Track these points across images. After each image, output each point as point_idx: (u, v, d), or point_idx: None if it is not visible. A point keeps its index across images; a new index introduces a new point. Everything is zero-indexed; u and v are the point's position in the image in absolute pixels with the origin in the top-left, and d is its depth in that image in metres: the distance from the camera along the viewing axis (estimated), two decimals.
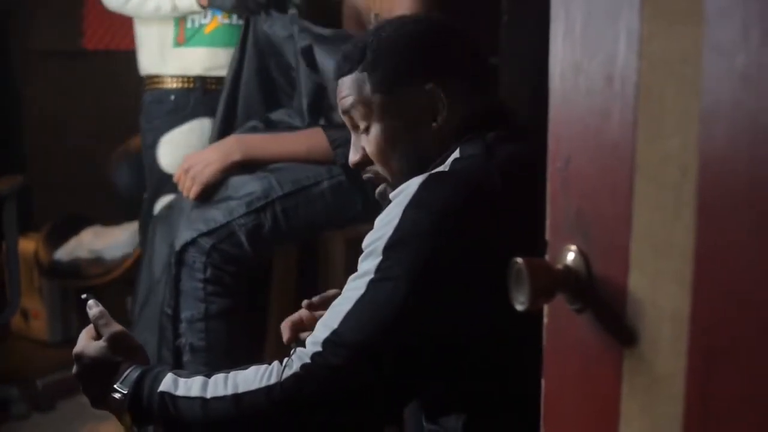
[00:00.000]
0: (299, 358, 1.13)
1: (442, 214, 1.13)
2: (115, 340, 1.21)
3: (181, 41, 2.38)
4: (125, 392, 1.16)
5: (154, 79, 2.42)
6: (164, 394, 1.15)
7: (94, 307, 1.25)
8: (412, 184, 1.16)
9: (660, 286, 0.63)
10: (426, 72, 1.26)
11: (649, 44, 0.63)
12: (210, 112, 2.32)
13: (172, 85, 2.39)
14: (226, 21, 2.35)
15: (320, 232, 2.19)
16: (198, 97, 2.37)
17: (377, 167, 1.30)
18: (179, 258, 1.97)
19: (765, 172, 0.53)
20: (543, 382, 0.79)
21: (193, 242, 1.95)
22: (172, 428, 1.17)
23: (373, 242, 1.16)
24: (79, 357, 1.22)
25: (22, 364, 2.95)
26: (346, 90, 1.30)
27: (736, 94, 0.55)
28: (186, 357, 1.99)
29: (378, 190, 1.33)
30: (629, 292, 0.67)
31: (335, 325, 1.12)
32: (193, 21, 2.36)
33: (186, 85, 2.38)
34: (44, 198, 3.37)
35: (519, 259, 0.70)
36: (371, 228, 1.12)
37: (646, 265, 0.65)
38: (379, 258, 1.13)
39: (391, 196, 1.22)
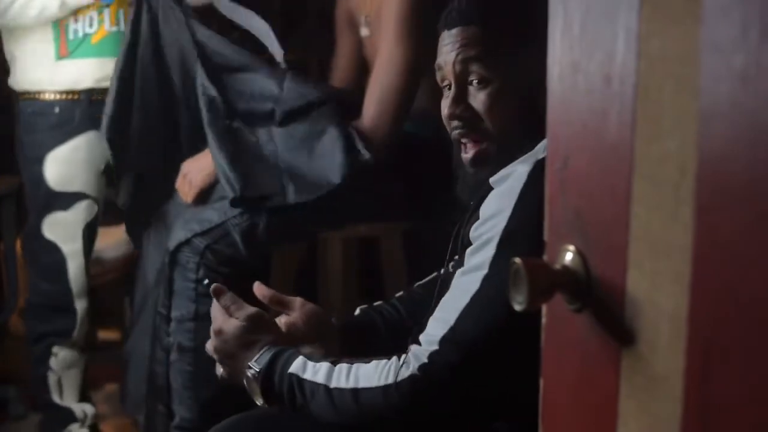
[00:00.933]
0: (416, 357, 1.13)
1: None
2: (252, 320, 1.28)
3: (64, 54, 2.25)
4: (258, 370, 1.22)
5: (34, 93, 2.29)
6: (293, 376, 1.19)
7: (223, 294, 1.31)
8: (519, 172, 1.15)
9: (658, 285, 0.63)
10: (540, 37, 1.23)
11: (647, 43, 0.63)
12: (97, 125, 2.23)
13: (55, 97, 2.27)
14: (114, 29, 2.24)
15: (315, 231, 2.18)
16: (84, 109, 2.27)
17: (471, 125, 1.25)
18: (173, 258, 1.97)
19: (763, 171, 0.53)
20: (541, 381, 0.79)
21: (187, 242, 1.95)
22: (299, 409, 1.21)
23: (483, 234, 1.15)
24: (219, 332, 1.29)
25: (20, 365, 2.94)
26: (464, 41, 1.24)
27: (735, 93, 0.55)
28: (173, 356, 1.99)
29: (469, 155, 1.27)
30: (628, 291, 0.67)
31: (452, 322, 1.13)
32: (76, 32, 2.23)
33: (71, 97, 2.27)
34: None
35: (517, 260, 0.70)
36: (368, 228, 1.11)
37: (644, 264, 0.65)
38: (493, 252, 1.13)
39: (492, 181, 1.20)
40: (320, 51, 2.72)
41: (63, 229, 2.31)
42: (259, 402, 1.24)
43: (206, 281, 1.36)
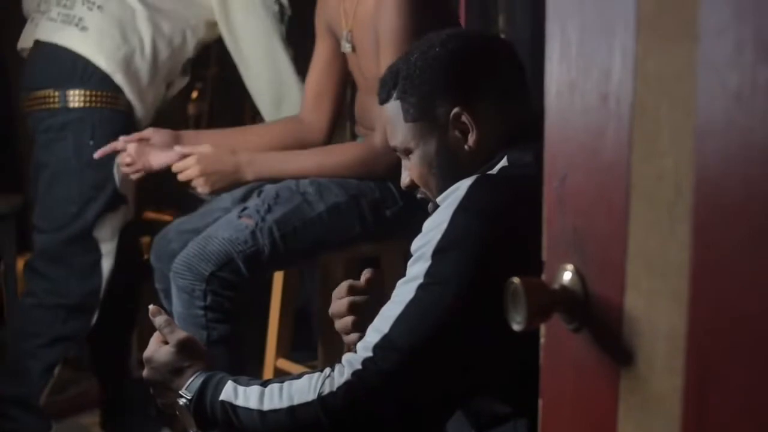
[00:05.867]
0: (350, 364, 1.13)
1: (490, 218, 1.13)
2: (182, 346, 1.25)
3: None
4: (189, 398, 1.19)
5: (104, 95, 2.34)
6: (225, 403, 1.17)
7: (158, 315, 1.28)
8: (461, 187, 1.17)
9: (656, 304, 0.63)
10: (452, 98, 1.27)
11: (644, 63, 0.64)
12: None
13: (121, 105, 2.34)
14: None
15: (319, 255, 2.17)
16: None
17: (419, 188, 1.34)
18: (177, 283, 1.95)
19: (758, 189, 0.53)
20: (540, 401, 0.79)
21: (190, 268, 1.93)
22: None
23: (421, 246, 1.16)
24: (149, 360, 1.26)
25: None
26: (387, 119, 1.33)
27: (730, 112, 0.56)
28: None
29: (429, 207, 1.34)
30: (625, 310, 0.66)
31: (386, 330, 1.12)
32: None
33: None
34: None
35: (515, 279, 0.70)
36: (370, 249, 1.12)
37: (641, 283, 0.65)
38: (428, 262, 1.13)
39: (439, 199, 1.22)
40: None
41: (108, 229, 2.38)
42: (192, 431, 1.21)
43: (150, 306, 1.31)
